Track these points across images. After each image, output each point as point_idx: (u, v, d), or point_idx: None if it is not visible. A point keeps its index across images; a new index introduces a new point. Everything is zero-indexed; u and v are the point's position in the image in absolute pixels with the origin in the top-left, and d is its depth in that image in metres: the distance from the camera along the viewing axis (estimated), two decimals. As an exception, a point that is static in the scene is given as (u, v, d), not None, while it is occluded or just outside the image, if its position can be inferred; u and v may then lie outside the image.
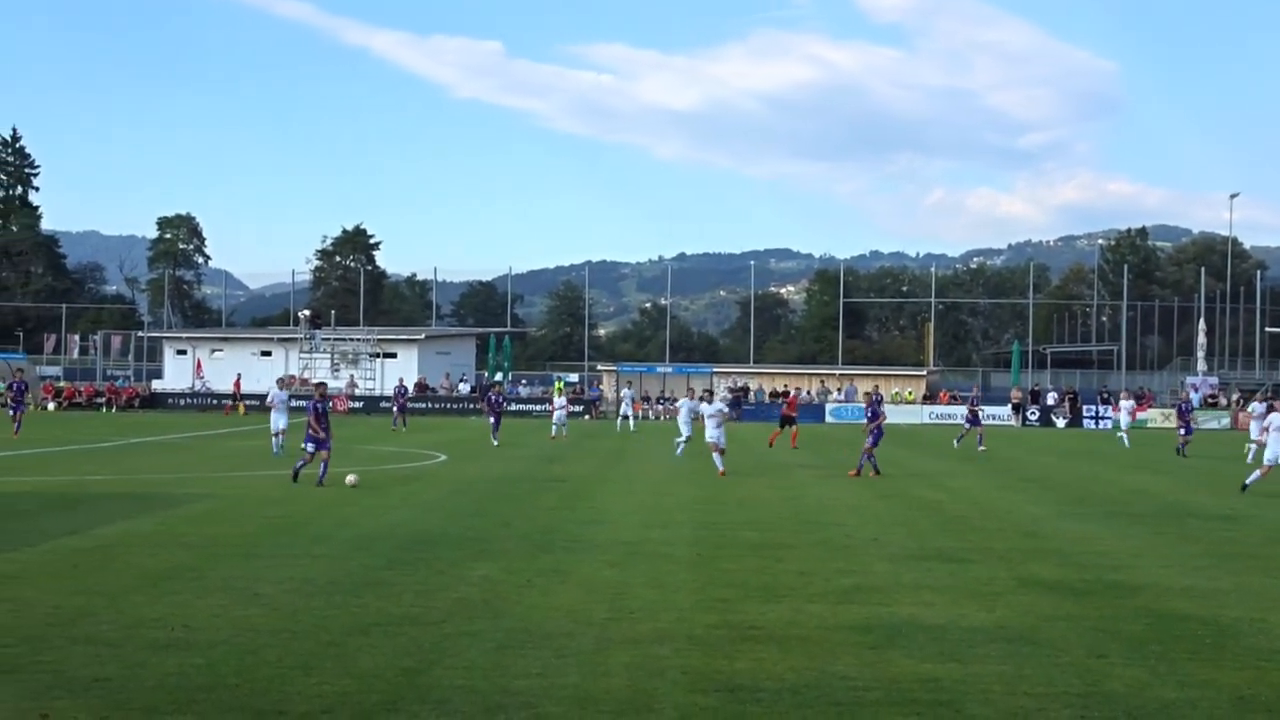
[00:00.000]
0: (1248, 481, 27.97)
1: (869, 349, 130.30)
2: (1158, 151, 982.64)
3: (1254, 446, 35.91)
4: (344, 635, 11.40)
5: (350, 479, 25.76)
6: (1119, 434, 50.14)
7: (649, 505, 23.60)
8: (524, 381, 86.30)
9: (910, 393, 77.32)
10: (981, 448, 43.15)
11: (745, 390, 77.55)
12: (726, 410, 29.57)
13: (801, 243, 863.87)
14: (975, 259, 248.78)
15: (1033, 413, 72.43)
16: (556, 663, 10.44)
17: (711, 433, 30.93)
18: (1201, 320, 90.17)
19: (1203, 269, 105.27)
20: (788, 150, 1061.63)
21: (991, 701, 9.43)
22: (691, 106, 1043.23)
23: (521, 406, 74.04)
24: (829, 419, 71.06)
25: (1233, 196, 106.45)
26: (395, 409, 56.47)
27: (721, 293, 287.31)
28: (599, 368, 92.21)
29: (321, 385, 28.57)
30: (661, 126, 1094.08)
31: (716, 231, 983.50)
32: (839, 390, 77.28)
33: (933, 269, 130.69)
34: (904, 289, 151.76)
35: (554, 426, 47.90)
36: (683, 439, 35.89)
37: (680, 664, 10.47)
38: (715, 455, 30.55)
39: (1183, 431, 42.99)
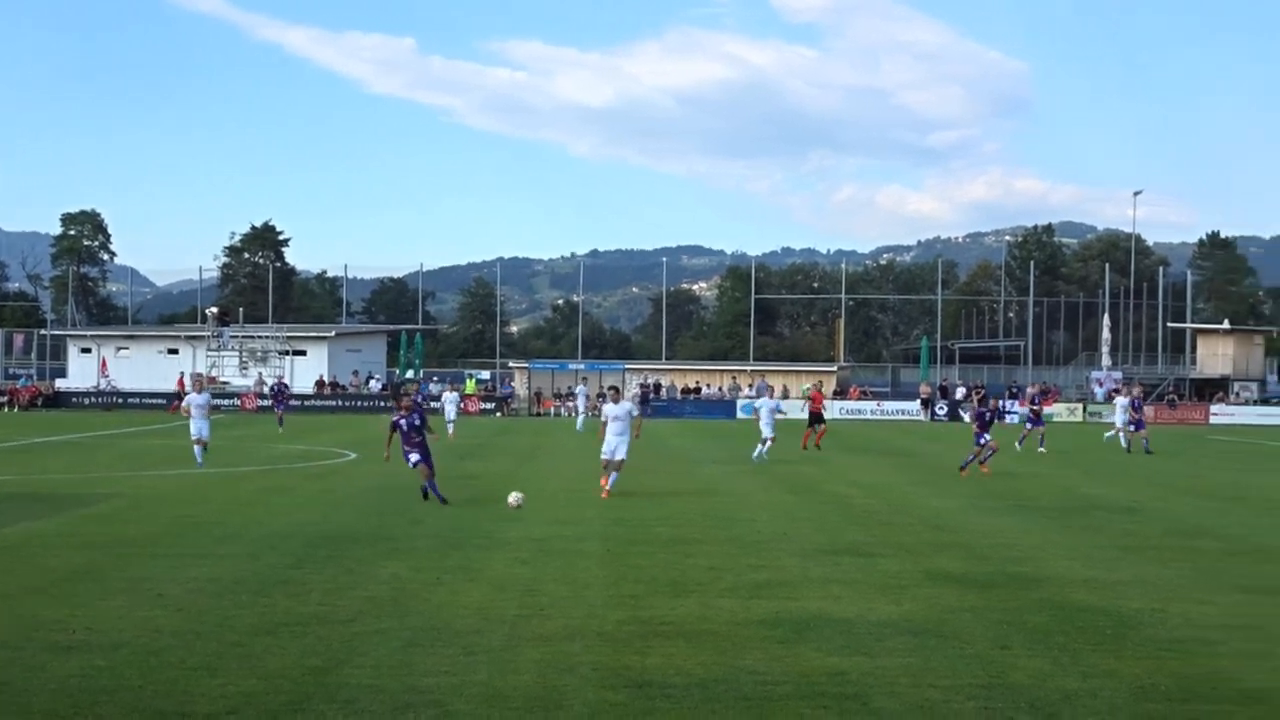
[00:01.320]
0: None
1: (780, 345, 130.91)
2: (1065, 150, 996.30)
3: None
4: (250, 635, 11.28)
5: (514, 499, 21.76)
6: (1113, 433, 45.75)
7: (561, 501, 23.59)
8: (434, 379, 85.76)
9: (820, 386, 77.72)
10: (1041, 449, 41.14)
11: (656, 387, 77.60)
12: (636, 412, 27.53)
13: (714, 239, 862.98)
14: (885, 255, 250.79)
15: (941, 408, 73.20)
16: (465, 660, 10.40)
17: (611, 440, 24.96)
18: (1106, 316, 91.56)
19: (1107, 265, 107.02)
20: (702, 147, 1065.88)
21: (898, 694, 9.53)
22: (607, 103, 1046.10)
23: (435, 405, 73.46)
24: (739, 415, 71.28)
25: (1136, 194, 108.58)
26: (276, 408, 53.89)
27: (634, 289, 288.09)
28: (510, 365, 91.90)
29: (407, 397, 25.10)
30: (576, 123, 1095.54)
31: (630, 228, 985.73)
32: (750, 386, 77.58)
33: (843, 265, 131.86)
34: (815, 285, 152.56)
35: (448, 424, 46.30)
36: (765, 440, 34.67)
37: (590, 660, 10.48)
38: (608, 471, 25.04)
39: (1133, 428, 41.79)
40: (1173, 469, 35.09)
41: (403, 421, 24.00)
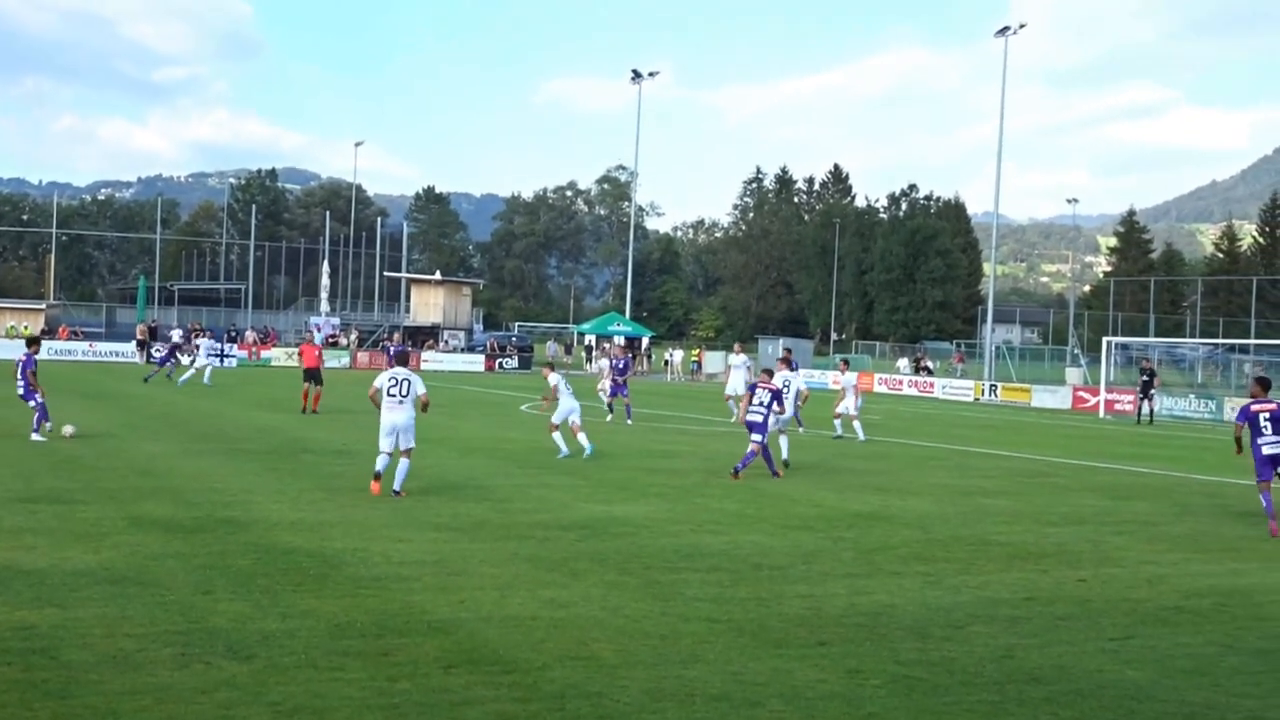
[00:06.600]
0: None
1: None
2: (293, 96, 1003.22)
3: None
4: None
5: (67, 430, 25.02)
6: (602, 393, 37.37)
7: None
8: None
9: (26, 327, 73.33)
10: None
11: None
12: None
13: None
14: (104, 191, 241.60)
15: (157, 350, 71.20)
16: None
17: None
18: (326, 262, 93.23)
19: (328, 213, 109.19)
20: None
21: (90, 645, 9.16)
22: None
23: None
24: (-64, 354, 65.58)
25: (358, 145, 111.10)
26: None
27: None
28: None
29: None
30: None
31: None
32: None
33: (55, 198, 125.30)
34: (25, 218, 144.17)
35: None
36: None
37: None
38: None
39: (612, 392, 35.55)
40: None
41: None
